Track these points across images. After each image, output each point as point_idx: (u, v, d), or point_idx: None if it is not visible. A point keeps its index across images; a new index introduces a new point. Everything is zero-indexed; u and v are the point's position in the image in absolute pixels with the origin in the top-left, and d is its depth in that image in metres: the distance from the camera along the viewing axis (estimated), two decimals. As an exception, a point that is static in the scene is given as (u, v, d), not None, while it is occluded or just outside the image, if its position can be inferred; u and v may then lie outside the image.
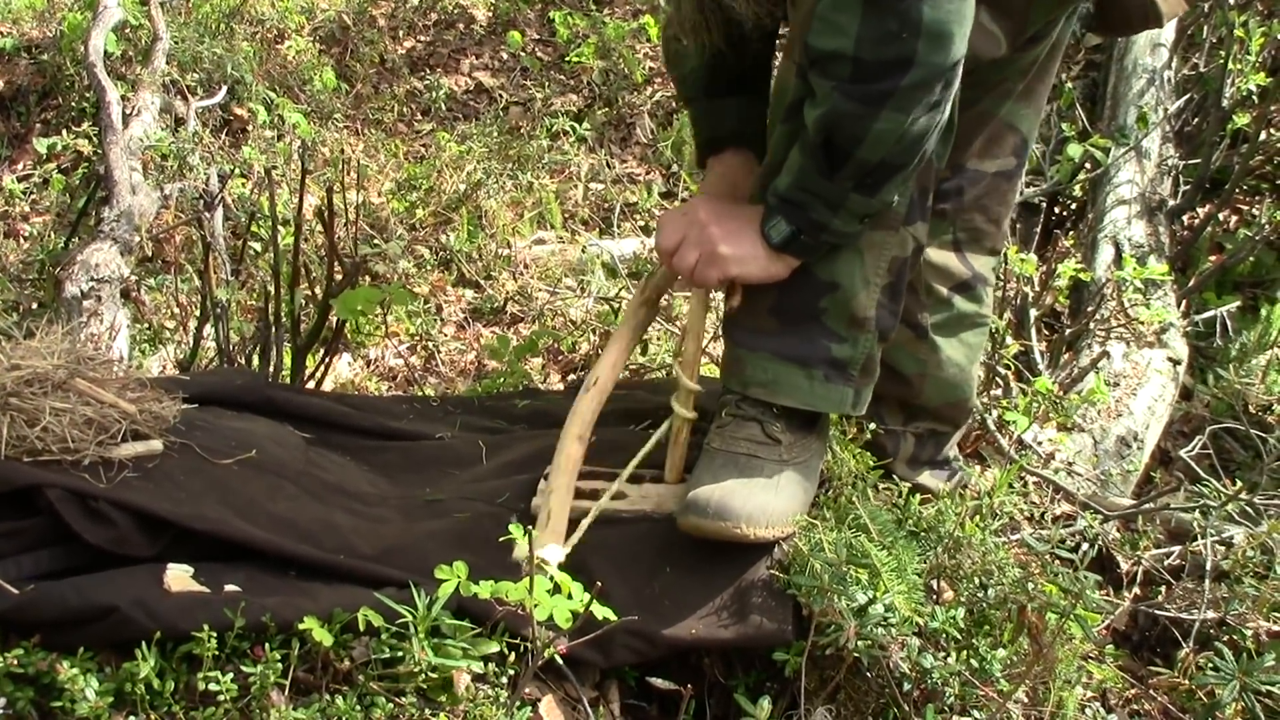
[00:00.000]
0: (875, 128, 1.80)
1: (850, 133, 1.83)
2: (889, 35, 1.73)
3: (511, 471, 2.35)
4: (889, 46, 1.74)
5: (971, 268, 2.39)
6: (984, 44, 1.92)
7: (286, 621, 1.75)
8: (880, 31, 1.73)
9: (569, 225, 4.90)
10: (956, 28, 1.75)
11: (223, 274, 3.87)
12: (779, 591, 1.98)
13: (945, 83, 1.81)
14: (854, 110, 1.80)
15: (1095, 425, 3.09)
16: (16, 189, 4.89)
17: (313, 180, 4.80)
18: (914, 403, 2.47)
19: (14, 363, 1.95)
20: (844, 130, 1.83)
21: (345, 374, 3.81)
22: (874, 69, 1.76)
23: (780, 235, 2.00)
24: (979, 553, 2.05)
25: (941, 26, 1.73)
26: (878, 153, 1.84)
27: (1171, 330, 3.54)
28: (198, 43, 5.48)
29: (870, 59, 1.75)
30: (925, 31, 1.73)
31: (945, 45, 1.76)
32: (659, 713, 2.06)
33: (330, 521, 2.06)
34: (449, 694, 1.76)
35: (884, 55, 1.75)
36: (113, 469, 1.91)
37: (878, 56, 1.75)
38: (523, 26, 6.33)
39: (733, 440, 2.12)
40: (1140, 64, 4.59)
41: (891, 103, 1.78)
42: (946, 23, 1.74)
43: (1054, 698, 1.93)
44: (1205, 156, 4.26)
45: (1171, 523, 2.75)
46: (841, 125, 1.83)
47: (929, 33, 1.73)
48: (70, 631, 1.70)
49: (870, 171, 1.88)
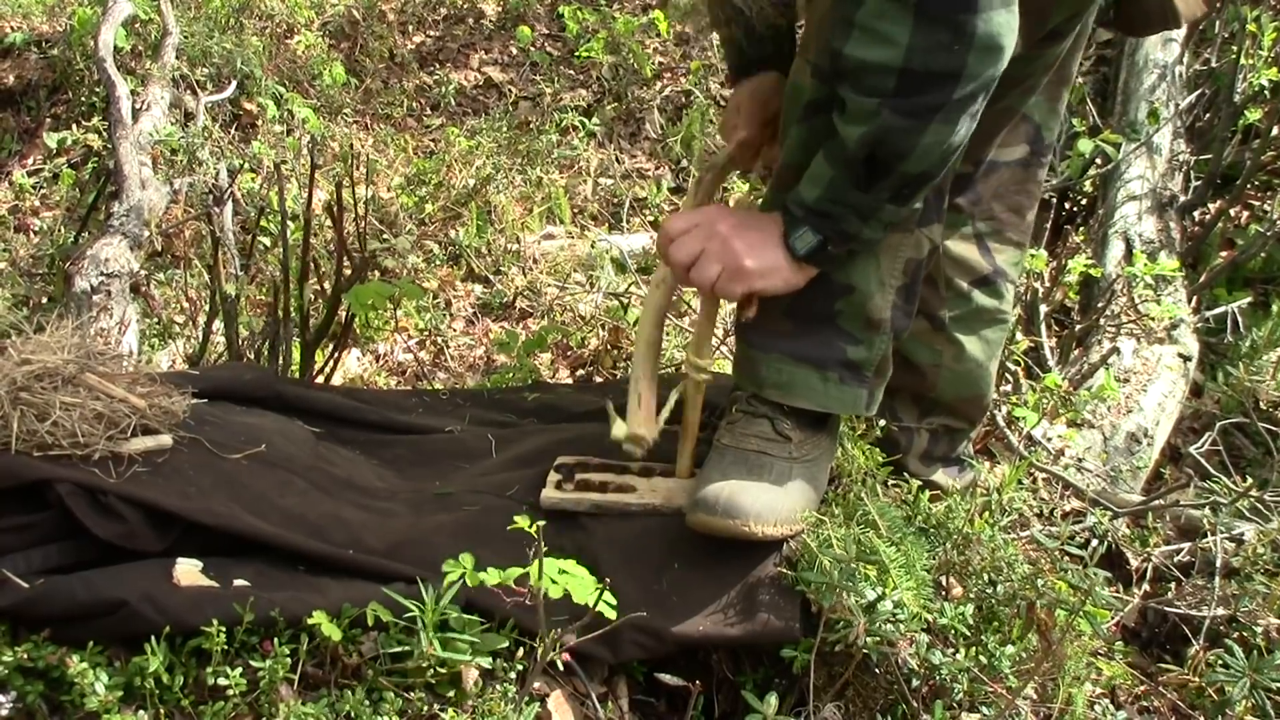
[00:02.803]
0: (923, 141, 1.77)
1: (897, 148, 1.79)
2: (940, 46, 1.69)
3: (521, 465, 2.35)
4: (939, 58, 1.70)
5: (994, 262, 2.37)
6: None
7: (295, 616, 1.75)
8: (932, 42, 1.68)
9: (578, 220, 4.90)
10: (1006, 39, 1.72)
11: (232, 269, 3.88)
12: (787, 588, 1.98)
13: (987, 92, 1.79)
14: (903, 125, 1.76)
15: (1105, 421, 3.09)
16: (26, 183, 4.90)
17: (322, 175, 4.81)
18: (928, 395, 2.46)
19: (24, 357, 1.96)
20: (889, 145, 1.79)
21: (354, 369, 3.81)
22: (923, 81, 1.72)
23: (806, 246, 1.96)
24: (988, 549, 2.05)
25: (993, 39, 1.70)
26: (922, 165, 1.81)
27: (1182, 326, 3.53)
28: (207, 37, 5.49)
29: (920, 70, 1.71)
30: (977, 44, 1.69)
31: (995, 57, 1.72)
32: (667, 709, 2.06)
33: (339, 516, 2.06)
34: (457, 689, 1.77)
35: (934, 67, 1.71)
36: (122, 464, 1.91)
37: (928, 68, 1.71)
38: (532, 21, 6.33)
39: (742, 437, 2.12)
40: (1152, 59, 4.58)
41: (940, 115, 1.75)
42: (998, 35, 1.70)
43: (1063, 694, 1.93)
44: (1216, 152, 4.25)
45: (1181, 519, 2.75)
46: (887, 140, 1.78)
47: (980, 45, 1.69)
48: (80, 626, 1.70)
49: (909, 183, 1.85)
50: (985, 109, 1.97)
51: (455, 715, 1.70)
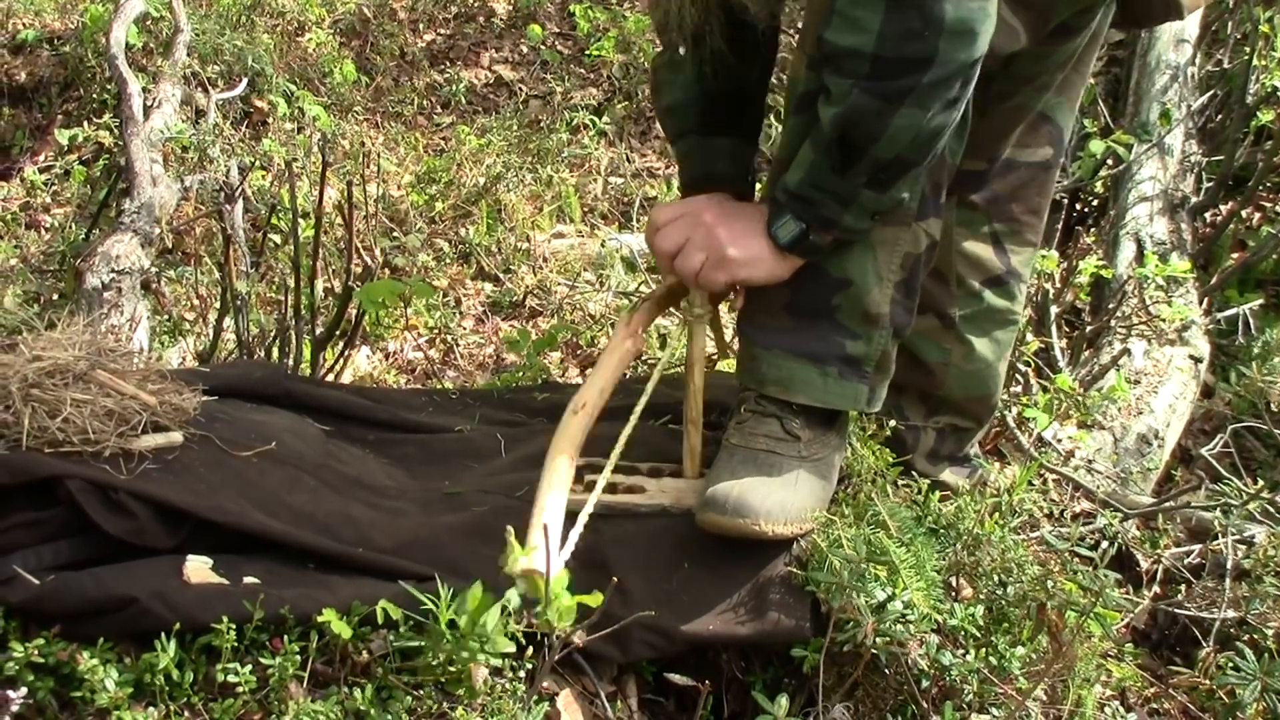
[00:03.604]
0: (893, 124, 1.79)
1: (867, 129, 1.81)
2: (911, 32, 1.72)
3: (530, 465, 2.34)
4: (910, 44, 1.73)
5: (1008, 262, 2.37)
6: (1002, 37, 1.89)
7: (305, 614, 1.75)
8: (902, 28, 1.72)
9: (588, 219, 4.90)
10: (979, 25, 1.74)
11: (242, 266, 3.88)
12: (797, 588, 1.98)
13: (964, 80, 1.80)
14: (872, 107, 1.79)
15: (1116, 423, 3.08)
16: (38, 180, 4.91)
17: (333, 173, 4.81)
18: (935, 394, 2.46)
19: (35, 354, 1.96)
20: (861, 127, 1.82)
21: (364, 367, 3.82)
22: (894, 66, 1.75)
23: (789, 234, 1.99)
24: (998, 550, 2.05)
25: (964, 25, 1.72)
26: (893, 149, 1.83)
27: (1193, 328, 3.52)
28: (218, 35, 5.49)
29: (891, 56, 1.74)
30: (948, 29, 1.71)
31: (967, 43, 1.75)
32: (676, 708, 2.06)
33: (349, 514, 2.06)
34: (467, 687, 1.77)
35: (905, 52, 1.74)
36: (133, 460, 1.91)
37: (899, 53, 1.74)
38: (543, 20, 6.33)
39: (751, 436, 2.12)
40: (1163, 60, 4.57)
41: (910, 99, 1.77)
42: (969, 20, 1.72)
43: (1073, 696, 1.92)
44: (1228, 153, 4.24)
45: (1192, 521, 2.74)
46: (858, 122, 1.81)
47: (951, 30, 1.72)
48: (90, 622, 1.70)
49: (884, 168, 1.86)
50: (996, 106, 1.98)
51: (464, 713, 1.70)
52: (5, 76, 5.38)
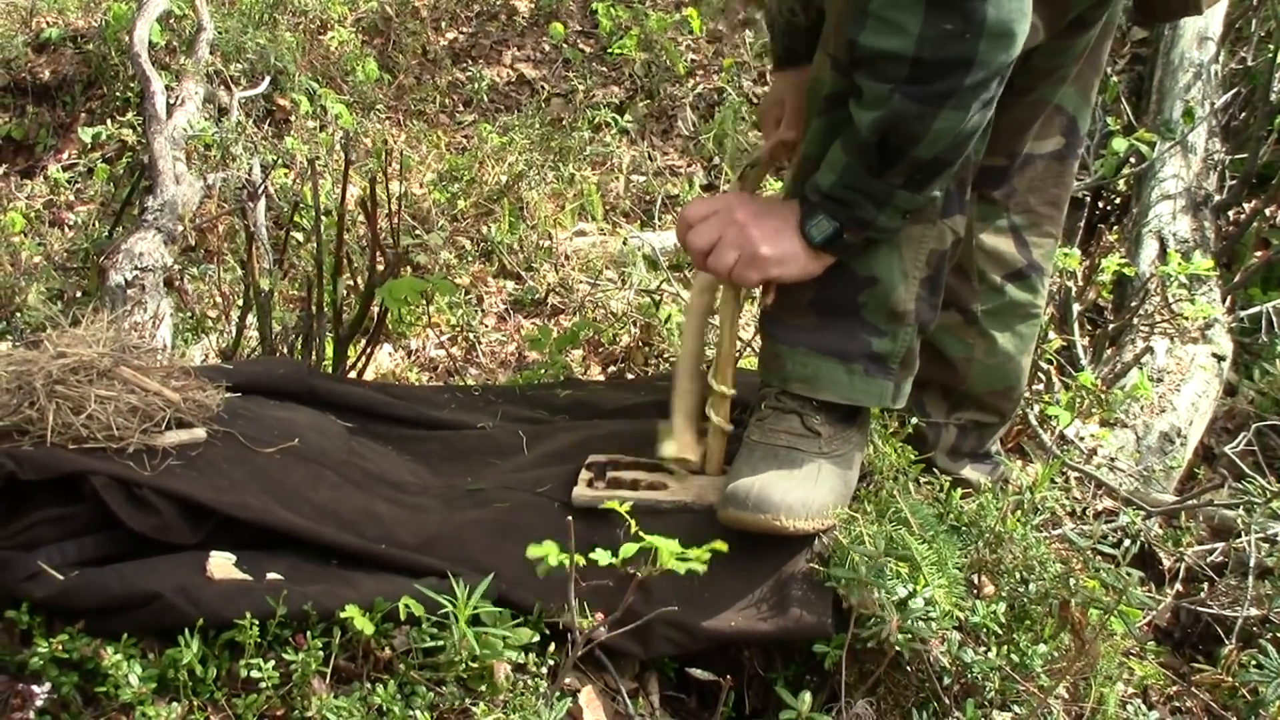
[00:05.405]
0: (935, 127, 1.78)
1: (909, 132, 1.80)
2: (951, 35, 1.70)
3: (553, 462, 2.35)
4: (951, 46, 1.71)
5: (1029, 255, 2.37)
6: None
7: (328, 610, 1.76)
8: (942, 31, 1.70)
9: (610, 217, 4.90)
10: (1018, 26, 1.73)
11: (265, 264, 3.90)
12: (819, 584, 1.98)
13: (1001, 80, 1.79)
14: (914, 110, 1.77)
15: (1138, 421, 3.08)
16: (61, 178, 4.94)
17: (355, 171, 4.82)
18: (958, 389, 2.45)
19: (60, 350, 1.97)
20: (902, 130, 1.80)
21: (386, 364, 3.82)
22: (934, 69, 1.74)
23: (823, 234, 1.98)
24: (1020, 548, 2.04)
25: (1004, 26, 1.71)
26: (933, 150, 1.82)
27: (1216, 326, 3.51)
28: (241, 33, 5.51)
29: (931, 59, 1.72)
30: (989, 31, 1.70)
31: (1007, 44, 1.73)
32: (698, 704, 2.06)
33: (372, 511, 2.06)
34: (489, 684, 1.77)
35: (945, 55, 1.72)
36: (156, 457, 1.92)
37: (939, 56, 1.72)
38: (565, 18, 6.33)
39: (772, 433, 2.12)
40: (1187, 58, 4.55)
41: (952, 102, 1.76)
42: (1010, 22, 1.71)
43: (1095, 694, 1.92)
44: (1252, 151, 4.23)
45: (1215, 519, 2.74)
46: (899, 126, 1.80)
47: (991, 32, 1.70)
48: (114, 618, 1.71)
49: (922, 169, 1.86)
50: (1016, 101, 1.97)
51: (487, 710, 1.71)
52: (29, 75, 5.41)
